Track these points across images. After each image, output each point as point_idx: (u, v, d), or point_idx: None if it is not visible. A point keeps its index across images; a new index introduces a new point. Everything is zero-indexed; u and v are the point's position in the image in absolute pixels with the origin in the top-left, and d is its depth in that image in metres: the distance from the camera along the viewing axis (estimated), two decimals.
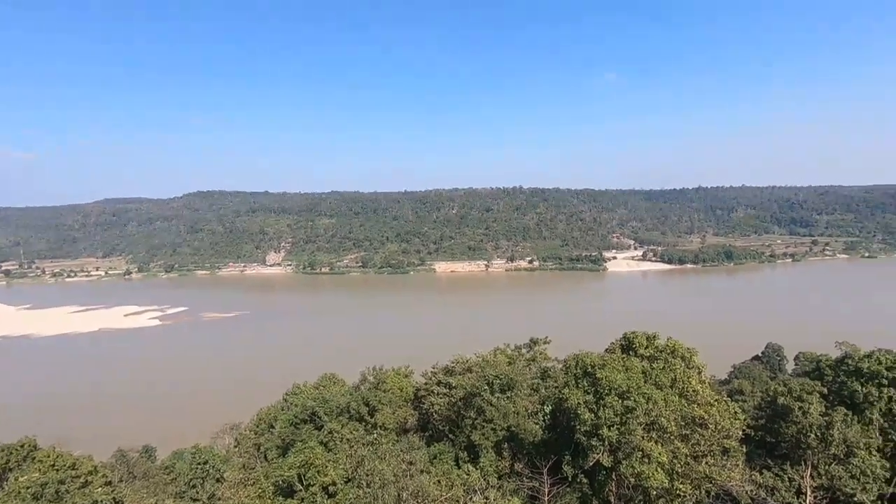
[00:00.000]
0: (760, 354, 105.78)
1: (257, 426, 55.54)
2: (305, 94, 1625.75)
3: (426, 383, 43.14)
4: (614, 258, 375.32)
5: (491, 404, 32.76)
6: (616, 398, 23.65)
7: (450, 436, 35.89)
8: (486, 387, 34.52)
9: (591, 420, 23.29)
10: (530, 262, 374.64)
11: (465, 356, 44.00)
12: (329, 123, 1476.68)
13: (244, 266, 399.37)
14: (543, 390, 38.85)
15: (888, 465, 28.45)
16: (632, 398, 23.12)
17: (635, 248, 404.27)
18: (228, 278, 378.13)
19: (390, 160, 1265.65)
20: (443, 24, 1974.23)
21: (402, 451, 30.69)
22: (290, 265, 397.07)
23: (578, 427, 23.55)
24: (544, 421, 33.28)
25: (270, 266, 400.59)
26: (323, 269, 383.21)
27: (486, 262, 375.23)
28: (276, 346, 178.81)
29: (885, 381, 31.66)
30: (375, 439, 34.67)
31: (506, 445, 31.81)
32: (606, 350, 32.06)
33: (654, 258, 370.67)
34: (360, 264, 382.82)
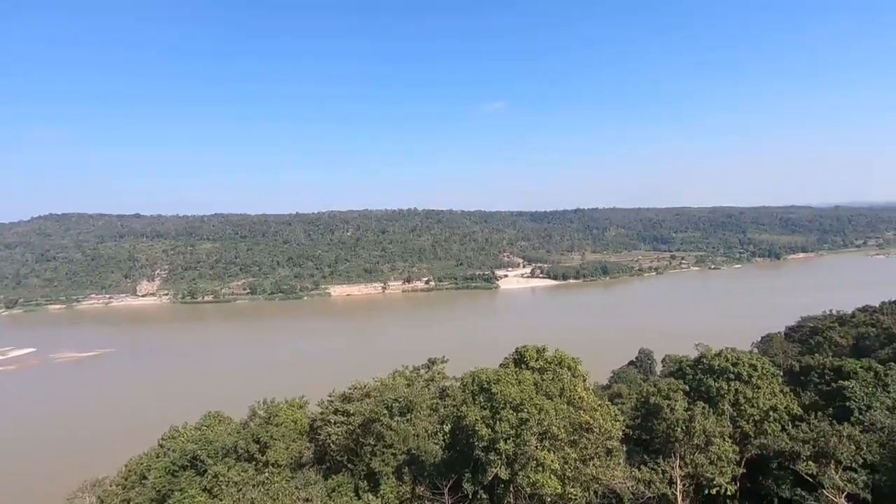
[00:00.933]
0: (635, 359, 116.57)
1: (126, 479, 48.84)
2: (183, 106, 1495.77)
3: (322, 413, 41.28)
4: (506, 276, 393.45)
5: (390, 429, 32.23)
6: (511, 411, 24.57)
7: (349, 465, 34.56)
8: (386, 411, 33.94)
9: (489, 435, 23.92)
10: (427, 282, 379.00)
11: (363, 381, 42.96)
12: (208, 139, 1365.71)
13: (110, 297, 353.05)
14: (442, 409, 39.11)
15: (737, 448, 32.69)
16: (525, 410, 24.18)
17: (524, 266, 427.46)
18: (90, 312, 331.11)
19: (280, 181, 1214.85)
20: (339, 42, 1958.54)
21: (296, 487, 28.90)
22: (166, 295, 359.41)
23: (477, 443, 24.04)
24: (444, 440, 33.46)
25: (143, 296, 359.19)
26: (205, 298, 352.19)
27: (382, 284, 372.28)
28: (148, 386, 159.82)
29: (731, 376, 36.53)
30: (267, 478, 32.26)
31: (406, 469, 31.38)
32: (501, 365, 33.31)
33: (541, 275, 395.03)
34: (249, 291, 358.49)
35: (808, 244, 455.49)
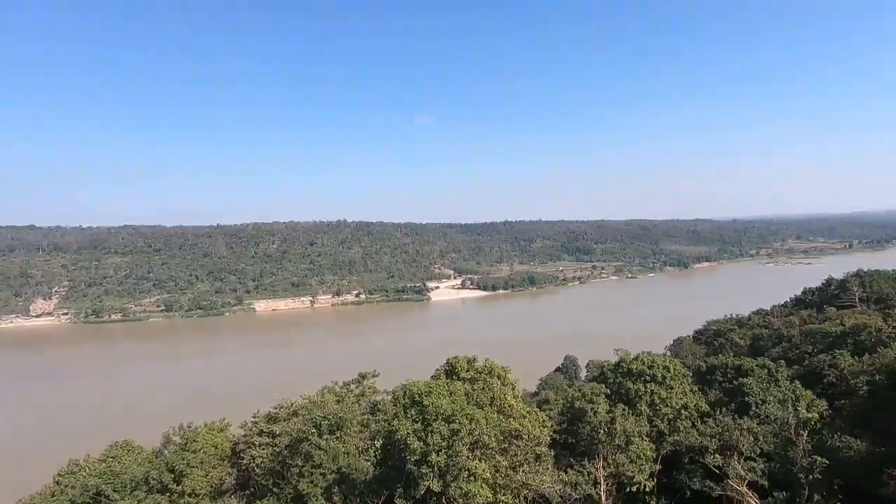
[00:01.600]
0: (561, 366, 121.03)
1: None
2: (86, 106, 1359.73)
3: (245, 435, 39.03)
4: (437, 287, 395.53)
5: (319, 448, 31.11)
6: (443, 423, 24.61)
7: (274, 490, 32.86)
8: (314, 430, 32.74)
9: (421, 448, 23.79)
10: (357, 295, 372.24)
11: (290, 399, 41.17)
12: (112, 143, 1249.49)
13: None
14: (374, 425, 38.35)
15: (654, 446, 34.81)
16: (457, 421, 24.32)
17: (455, 278, 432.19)
18: None
19: (198, 191, 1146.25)
20: (272, 41, 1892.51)
21: None
22: (65, 314, 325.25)
23: (408, 457, 23.83)
24: (375, 456, 32.80)
25: (37, 317, 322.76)
26: (113, 317, 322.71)
27: (311, 298, 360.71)
28: (43, 415, 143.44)
29: (648, 378, 38.99)
30: None
31: (336, 489, 30.37)
32: (432, 377, 33.33)
33: (471, 286, 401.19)
34: (163, 308, 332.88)
35: (711, 254, 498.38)
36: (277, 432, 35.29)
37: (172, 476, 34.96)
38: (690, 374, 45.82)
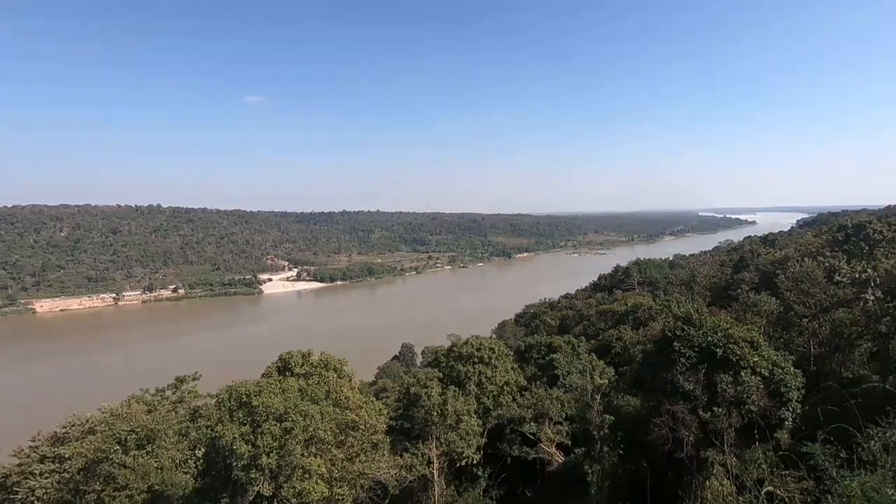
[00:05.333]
0: (398, 354, 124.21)
1: None
2: None
3: (21, 464, 31.98)
4: (270, 280, 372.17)
5: (124, 466, 27.05)
6: (275, 422, 23.37)
7: None
8: (118, 446, 28.36)
9: (249, 452, 22.27)
10: (175, 290, 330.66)
11: (84, 416, 34.87)
12: None
13: None
14: (195, 433, 34.66)
15: (481, 422, 37.95)
16: (290, 419, 23.31)
17: (290, 269, 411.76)
18: None
19: None
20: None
21: None
22: None
23: (235, 463, 22.12)
24: (197, 467, 29.75)
25: None
26: None
27: (114, 295, 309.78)
28: None
29: (476, 360, 42.20)
30: None
31: None
32: (263, 375, 31.35)
33: (308, 278, 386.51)
34: None
35: (530, 245, 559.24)
36: (67, 455, 29.68)
37: None
38: (512, 353, 50.82)
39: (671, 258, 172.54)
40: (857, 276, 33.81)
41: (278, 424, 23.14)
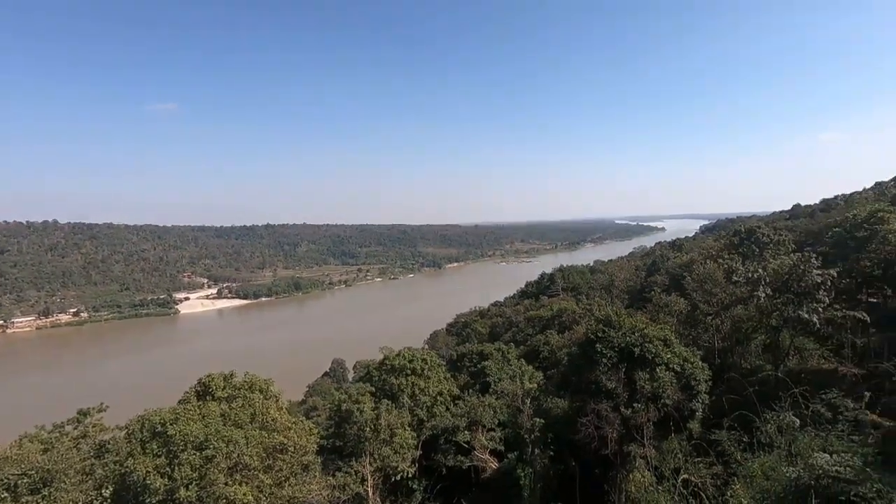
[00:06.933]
0: (329, 370, 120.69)
1: None
2: None
3: None
4: (187, 299, 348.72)
5: None
6: (194, 451, 21.80)
7: None
8: (6, 493, 25.09)
9: (165, 486, 20.57)
10: (76, 314, 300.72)
11: None
12: None
13: None
14: (101, 470, 31.39)
15: (415, 434, 37.66)
16: (211, 446, 21.84)
17: (210, 287, 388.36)
18: None
19: None
20: None
21: None
22: None
23: (149, 499, 20.34)
24: None
25: None
26: None
27: (0, 322, 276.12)
28: None
29: (409, 372, 41.96)
30: None
31: None
32: (180, 401, 29.20)
33: (230, 295, 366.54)
34: None
35: (459, 255, 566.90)
36: None
37: None
38: (444, 362, 51.08)
39: (592, 264, 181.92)
40: (750, 275, 37.43)
41: (198, 453, 21.60)
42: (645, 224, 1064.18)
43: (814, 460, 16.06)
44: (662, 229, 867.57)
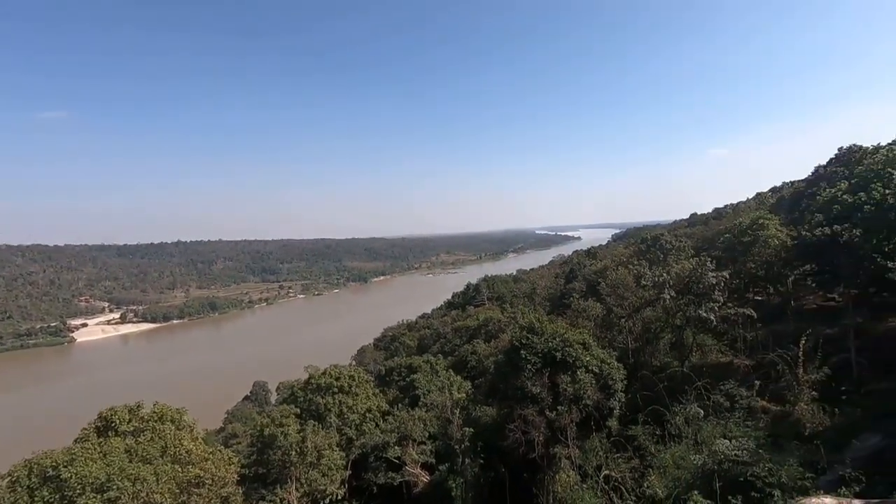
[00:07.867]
0: (250, 394, 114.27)
1: None
2: None
3: None
4: (85, 325, 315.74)
5: None
6: (94, 494, 19.66)
7: None
8: None
9: None
10: None
11: None
12: None
13: None
14: None
15: (344, 454, 36.57)
16: (114, 487, 19.83)
17: (111, 311, 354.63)
18: None
19: None
20: None
21: None
22: None
23: None
24: None
25: None
26: None
27: None
28: None
29: (336, 390, 40.79)
30: None
31: None
32: (77, 439, 26.24)
33: (136, 319, 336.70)
34: None
35: (386, 268, 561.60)
36: None
37: None
38: (373, 378, 50.24)
39: (515, 273, 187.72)
40: (656, 279, 40.55)
41: (99, 496, 19.52)
42: (563, 234, 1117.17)
43: (716, 447, 17.67)
44: (579, 238, 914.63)
